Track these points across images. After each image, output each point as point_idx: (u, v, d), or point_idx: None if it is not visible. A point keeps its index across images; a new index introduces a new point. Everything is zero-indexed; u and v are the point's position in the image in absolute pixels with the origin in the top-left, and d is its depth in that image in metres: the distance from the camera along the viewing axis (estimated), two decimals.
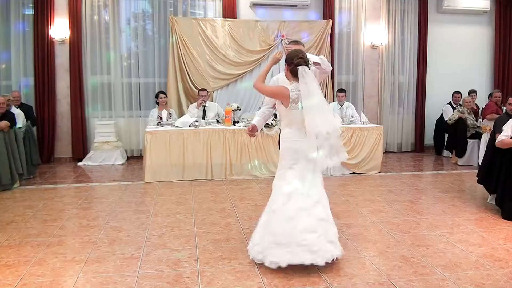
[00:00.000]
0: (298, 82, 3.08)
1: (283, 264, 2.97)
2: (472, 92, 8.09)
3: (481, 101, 8.41)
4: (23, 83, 7.36)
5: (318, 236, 2.99)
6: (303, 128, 3.12)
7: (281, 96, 3.15)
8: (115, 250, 3.42)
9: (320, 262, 2.96)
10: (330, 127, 3.00)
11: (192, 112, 6.72)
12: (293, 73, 3.12)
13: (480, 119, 7.60)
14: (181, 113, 7.31)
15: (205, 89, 7.06)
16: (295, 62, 3.09)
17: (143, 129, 6.83)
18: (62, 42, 7.32)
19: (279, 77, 3.65)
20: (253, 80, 3.41)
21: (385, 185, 5.78)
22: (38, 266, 3.11)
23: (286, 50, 3.67)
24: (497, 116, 5.91)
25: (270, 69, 3.36)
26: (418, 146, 8.72)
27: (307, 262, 2.96)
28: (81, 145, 7.45)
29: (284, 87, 3.16)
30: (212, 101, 7.41)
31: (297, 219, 3.01)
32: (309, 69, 3.13)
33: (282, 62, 3.46)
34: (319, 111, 3.03)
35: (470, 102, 7.64)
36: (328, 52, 7.94)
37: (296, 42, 3.68)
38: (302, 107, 3.09)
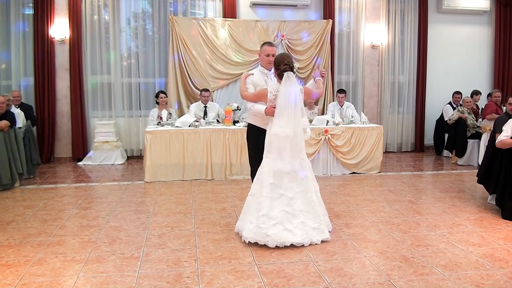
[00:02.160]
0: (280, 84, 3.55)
1: (247, 241, 3.47)
2: (477, 93, 8.09)
3: (481, 101, 8.41)
4: (23, 83, 7.36)
5: (274, 224, 3.43)
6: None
7: (263, 97, 3.64)
8: (115, 250, 3.42)
9: (271, 245, 3.39)
10: (291, 131, 3.47)
11: (193, 111, 6.71)
12: (279, 77, 3.58)
13: (480, 119, 7.60)
14: (181, 113, 7.32)
15: (208, 90, 7.07)
16: (281, 68, 3.53)
17: (143, 129, 6.84)
18: (62, 42, 7.32)
19: (254, 76, 3.93)
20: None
21: (385, 185, 5.79)
22: (38, 266, 3.11)
23: (259, 55, 4.06)
24: (497, 116, 5.90)
25: (245, 84, 3.85)
26: (418, 146, 8.73)
27: (260, 242, 3.42)
28: (81, 145, 7.45)
29: (264, 89, 3.67)
30: (212, 101, 7.42)
31: (262, 205, 3.47)
32: (294, 73, 3.58)
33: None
34: (287, 115, 3.47)
35: (470, 102, 7.65)
36: (328, 52, 7.95)
37: (269, 43, 4.01)
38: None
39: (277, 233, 3.40)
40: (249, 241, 3.45)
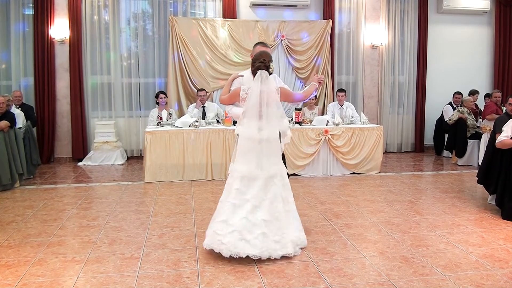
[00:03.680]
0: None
1: (204, 247, 3.26)
2: (474, 93, 8.09)
3: (479, 101, 8.41)
4: (23, 83, 7.36)
5: (231, 231, 3.17)
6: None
7: (236, 96, 3.45)
8: (115, 250, 3.42)
9: (225, 254, 3.14)
10: (261, 134, 3.25)
11: (192, 113, 6.73)
12: (253, 74, 3.39)
13: (480, 119, 7.60)
14: (181, 113, 7.32)
15: (204, 89, 7.07)
16: (255, 65, 3.37)
17: (143, 129, 6.84)
18: (62, 42, 7.32)
19: (243, 77, 3.66)
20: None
21: (385, 185, 5.79)
22: (38, 266, 3.11)
23: (251, 55, 3.76)
24: (497, 116, 5.91)
25: (230, 86, 3.61)
26: (418, 146, 8.73)
27: (216, 250, 3.19)
28: (81, 145, 7.45)
29: (237, 88, 3.47)
30: (212, 101, 7.42)
31: (220, 211, 3.28)
32: (270, 73, 3.35)
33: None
34: (256, 115, 3.26)
35: (472, 102, 7.65)
36: (328, 52, 7.95)
37: (262, 44, 3.85)
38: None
39: (232, 242, 3.12)
40: (205, 248, 3.25)
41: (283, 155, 3.56)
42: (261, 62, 3.34)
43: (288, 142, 3.68)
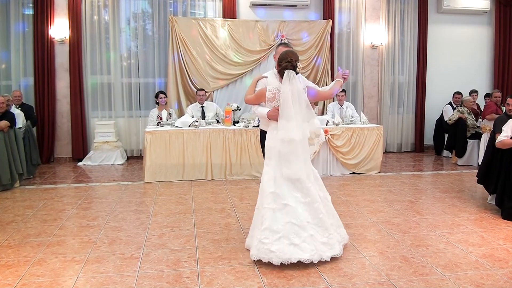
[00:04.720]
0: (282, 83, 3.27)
1: (252, 258, 3.15)
2: (473, 92, 8.10)
3: (480, 101, 8.41)
4: (23, 83, 7.36)
5: (278, 238, 3.08)
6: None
7: (262, 96, 3.39)
8: (115, 250, 3.42)
9: (275, 262, 3.03)
10: (297, 135, 3.18)
11: (190, 113, 6.73)
12: (280, 75, 3.31)
13: (480, 119, 7.60)
14: (181, 113, 7.32)
15: (203, 89, 7.07)
16: (282, 65, 3.27)
17: (143, 129, 6.84)
18: (62, 42, 7.32)
19: (268, 78, 3.60)
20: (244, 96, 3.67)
21: (385, 185, 5.79)
22: (38, 266, 3.11)
23: (274, 57, 3.71)
24: (497, 116, 5.91)
25: (254, 87, 3.55)
26: (418, 146, 8.73)
27: (264, 260, 3.07)
28: (81, 145, 7.45)
29: (263, 88, 3.41)
30: (212, 101, 7.42)
31: (265, 217, 3.15)
32: (297, 73, 3.28)
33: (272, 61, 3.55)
34: (292, 117, 3.18)
35: (472, 102, 7.65)
36: (328, 52, 7.95)
37: (285, 44, 3.81)
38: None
39: (281, 248, 3.03)
40: (253, 259, 3.15)
41: None
42: (288, 62, 3.24)
43: (323, 141, 3.62)
